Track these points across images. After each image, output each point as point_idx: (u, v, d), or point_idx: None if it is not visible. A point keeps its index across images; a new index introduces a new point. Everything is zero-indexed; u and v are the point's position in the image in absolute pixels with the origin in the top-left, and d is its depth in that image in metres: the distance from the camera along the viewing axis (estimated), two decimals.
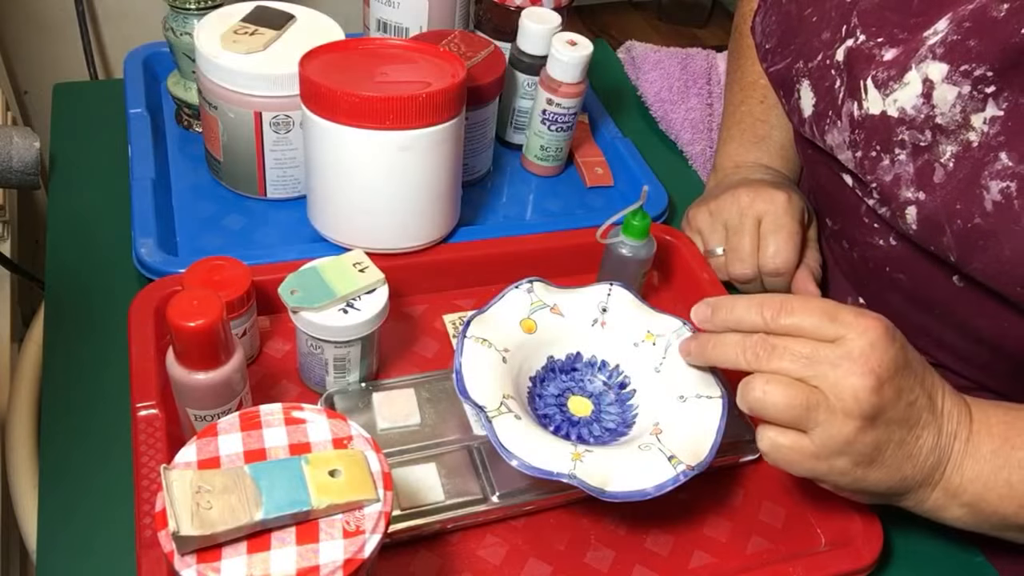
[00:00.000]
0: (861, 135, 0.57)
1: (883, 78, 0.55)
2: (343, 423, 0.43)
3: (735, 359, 0.51)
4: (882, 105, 0.55)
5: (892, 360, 0.48)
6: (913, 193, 0.55)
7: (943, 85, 0.52)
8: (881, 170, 0.56)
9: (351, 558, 0.39)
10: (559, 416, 0.58)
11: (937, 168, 0.53)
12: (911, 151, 0.55)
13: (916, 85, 0.53)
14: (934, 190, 0.54)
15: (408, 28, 0.77)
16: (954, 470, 0.51)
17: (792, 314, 0.49)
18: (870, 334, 0.48)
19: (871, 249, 0.63)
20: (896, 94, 0.54)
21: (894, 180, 0.56)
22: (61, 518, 0.53)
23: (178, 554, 0.37)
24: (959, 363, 0.65)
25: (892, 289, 0.64)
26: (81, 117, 0.82)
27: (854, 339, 0.48)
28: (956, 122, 0.52)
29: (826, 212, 0.71)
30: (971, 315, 0.59)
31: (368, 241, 0.66)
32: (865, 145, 0.57)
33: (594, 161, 0.84)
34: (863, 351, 0.48)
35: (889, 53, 0.55)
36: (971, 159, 0.52)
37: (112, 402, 0.59)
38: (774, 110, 0.78)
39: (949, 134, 0.53)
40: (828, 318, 0.49)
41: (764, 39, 0.68)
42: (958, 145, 0.52)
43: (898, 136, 0.55)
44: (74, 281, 0.67)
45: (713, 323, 0.53)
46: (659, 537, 0.56)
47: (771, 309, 0.50)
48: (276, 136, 0.69)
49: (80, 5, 1.14)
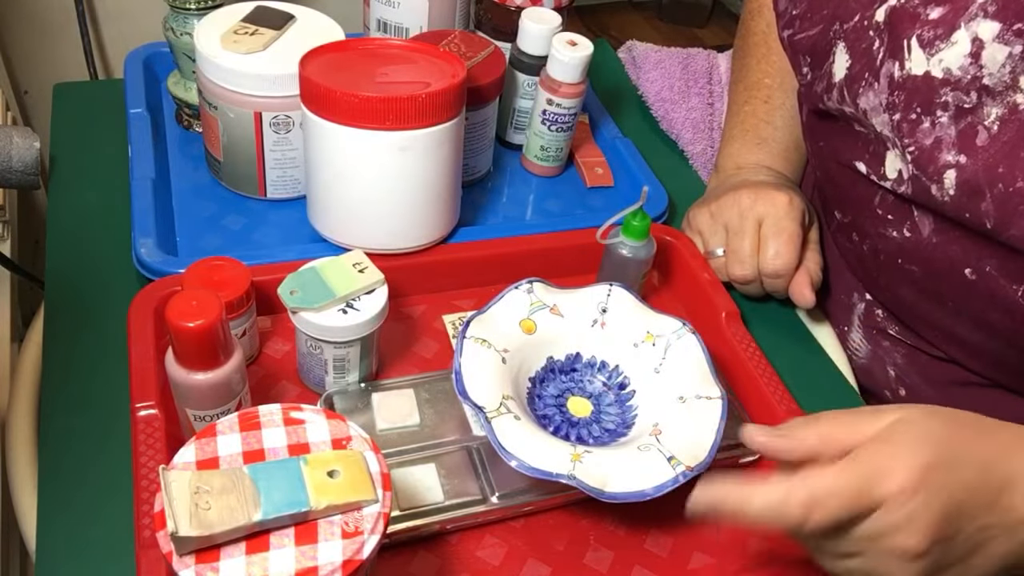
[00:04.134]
0: (901, 96, 0.56)
1: (929, 37, 0.54)
2: (342, 424, 0.43)
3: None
4: (926, 65, 0.54)
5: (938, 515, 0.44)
6: (954, 156, 0.54)
7: (993, 44, 0.51)
8: (920, 133, 0.55)
9: (350, 559, 0.39)
10: (558, 417, 0.58)
11: (980, 131, 0.52)
12: (953, 113, 0.53)
13: (964, 44, 0.52)
14: (976, 153, 0.53)
15: (408, 28, 0.77)
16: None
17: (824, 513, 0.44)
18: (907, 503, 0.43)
19: (883, 240, 0.63)
20: (942, 54, 0.53)
21: (934, 143, 0.55)
22: (60, 518, 0.53)
23: (177, 554, 0.37)
24: (970, 358, 0.65)
25: (904, 281, 0.64)
26: (81, 117, 0.82)
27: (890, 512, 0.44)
28: (1004, 83, 0.51)
29: (835, 205, 0.70)
30: (984, 308, 0.59)
31: (368, 241, 0.66)
32: (904, 107, 0.56)
33: (594, 161, 0.84)
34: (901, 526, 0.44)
35: (935, 12, 0.54)
36: (1017, 122, 0.51)
37: (111, 402, 0.59)
38: (778, 111, 0.78)
39: (995, 96, 0.52)
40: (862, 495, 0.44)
41: (791, 5, 0.66)
42: (1004, 107, 0.51)
43: (941, 98, 0.54)
44: (74, 281, 0.67)
45: (772, 455, 0.49)
46: (658, 538, 0.56)
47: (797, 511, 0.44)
48: (276, 136, 0.69)
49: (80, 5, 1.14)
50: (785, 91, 0.77)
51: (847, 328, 0.74)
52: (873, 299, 0.71)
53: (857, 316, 0.72)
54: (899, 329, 0.69)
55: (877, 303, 0.70)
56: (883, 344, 0.71)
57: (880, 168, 0.58)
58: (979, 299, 0.58)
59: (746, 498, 0.45)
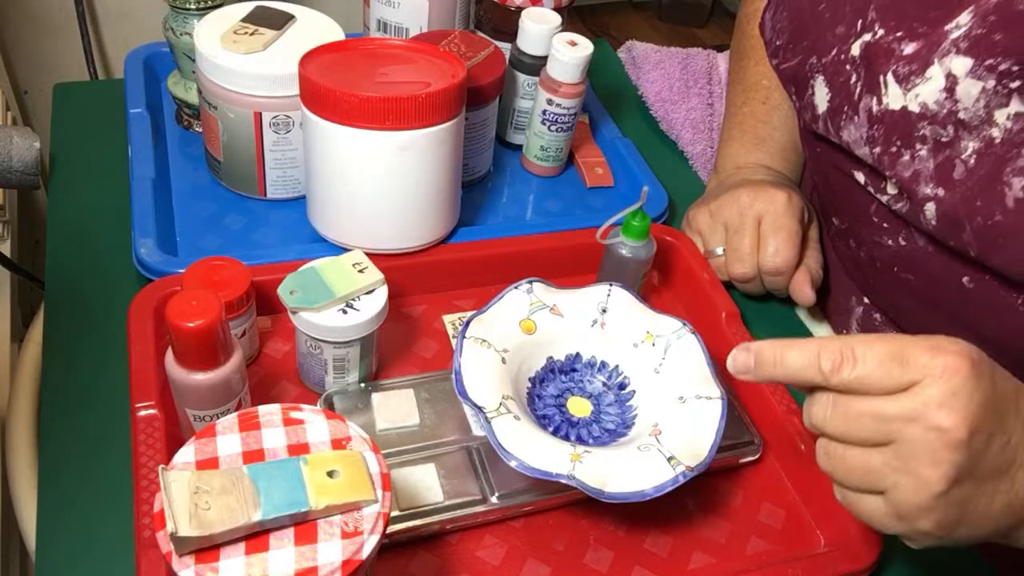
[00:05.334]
0: (880, 130, 0.56)
1: (904, 72, 0.54)
2: (342, 424, 0.43)
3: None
4: (903, 100, 0.54)
5: (980, 405, 0.41)
6: (932, 189, 0.54)
7: (967, 80, 0.51)
8: (900, 166, 0.56)
9: (349, 559, 0.39)
10: (558, 417, 0.58)
11: (958, 164, 0.53)
12: (932, 146, 0.54)
13: (939, 80, 0.52)
14: (954, 187, 0.53)
15: (408, 28, 0.77)
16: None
17: (856, 365, 0.42)
18: (951, 379, 0.41)
19: (879, 248, 0.63)
20: (918, 88, 0.54)
21: (913, 176, 0.55)
22: (60, 518, 0.53)
23: (176, 555, 0.37)
24: None
25: (900, 289, 0.64)
26: (81, 117, 0.82)
27: (931, 386, 0.41)
28: (979, 117, 0.51)
29: (833, 211, 0.71)
30: (980, 316, 0.59)
31: (367, 241, 0.66)
32: (884, 140, 0.56)
33: (594, 161, 0.84)
34: (942, 402, 0.40)
35: (909, 47, 0.54)
36: (993, 155, 0.51)
37: (111, 402, 0.59)
38: (776, 111, 0.78)
39: (972, 129, 0.52)
40: (897, 363, 0.42)
41: (774, 35, 0.67)
42: (980, 141, 0.52)
43: (919, 131, 0.54)
44: (74, 281, 0.67)
45: (757, 376, 0.46)
46: (658, 538, 0.56)
47: (830, 360, 0.43)
48: (276, 136, 0.69)
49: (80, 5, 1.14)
50: (783, 91, 0.77)
51: (845, 331, 0.74)
52: (871, 304, 0.71)
53: (855, 320, 0.72)
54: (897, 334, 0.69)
55: (875, 308, 0.70)
56: None
57: (881, 183, 0.59)
58: (976, 307, 0.58)
59: (782, 350, 0.44)
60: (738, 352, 0.46)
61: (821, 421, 0.44)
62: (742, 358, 0.46)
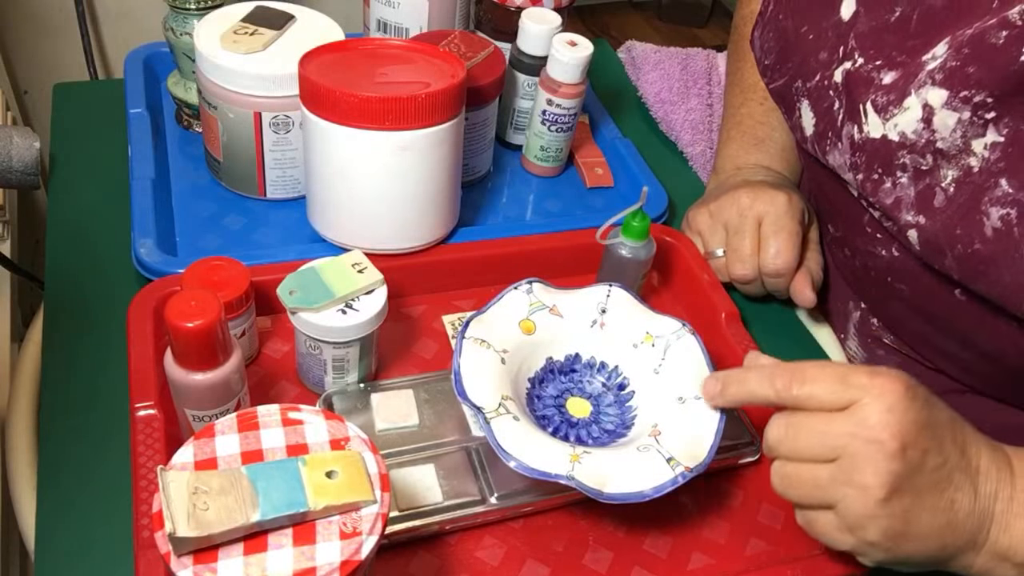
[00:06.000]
0: (862, 158, 0.57)
1: (883, 103, 0.54)
2: (341, 424, 0.43)
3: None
4: (883, 129, 0.55)
5: (913, 422, 0.45)
6: (913, 217, 0.54)
7: (943, 111, 0.51)
8: (883, 193, 0.56)
9: (348, 559, 0.38)
10: (558, 417, 0.58)
11: (938, 192, 0.53)
12: (912, 174, 0.54)
13: (916, 110, 0.52)
14: (934, 214, 0.53)
15: (408, 28, 0.77)
16: (1000, 532, 0.47)
17: (804, 383, 0.47)
18: (887, 397, 0.45)
19: (873, 258, 0.63)
20: (896, 119, 0.54)
21: (895, 203, 0.55)
22: (59, 518, 0.53)
23: (175, 555, 0.37)
24: (959, 371, 0.65)
25: (894, 298, 0.64)
26: (81, 117, 0.82)
27: (869, 403, 0.45)
28: (957, 147, 0.51)
29: (828, 219, 0.71)
30: (972, 328, 0.59)
31: (367, 241, 0.66)
32: (866, 168, 0.57)
33: (594, 162, 0.84)
34: (880, 417, 0.45)
35: (888, 76, 0.54)
36: (972, 184, 0.51)
37: (111, 402, 0.59)
38: (775, 112, 0.78)
39: (950, 159, 0.52)
40: (841, 383, 0.46)
41: (763, 55, 0.67)
42: (959, 170, 0.52)
43: (899, 159, 0.54)
44: (74, 281, 0.67)
45: (725, 399, 0.52)
46: (658, 539, 0.56)
47: (782, 380, 0.48)
48: (276, 136, 0.69)
49: (80, 5, 1.14)
50: None
51: (843, 336, 0.74)
52: (867, 309, 0.71)
53: (853, 324, 0.73)
54: (893, 339, 0.69)
55: (872, 313, 0.70)
56: (878, 353, 0.71)
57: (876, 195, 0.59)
58: (968, 319, 0.58)
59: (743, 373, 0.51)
60: (708, 380, 0.53)
61: (776, 441, 0.48)
62: (711, 384, 0.53)
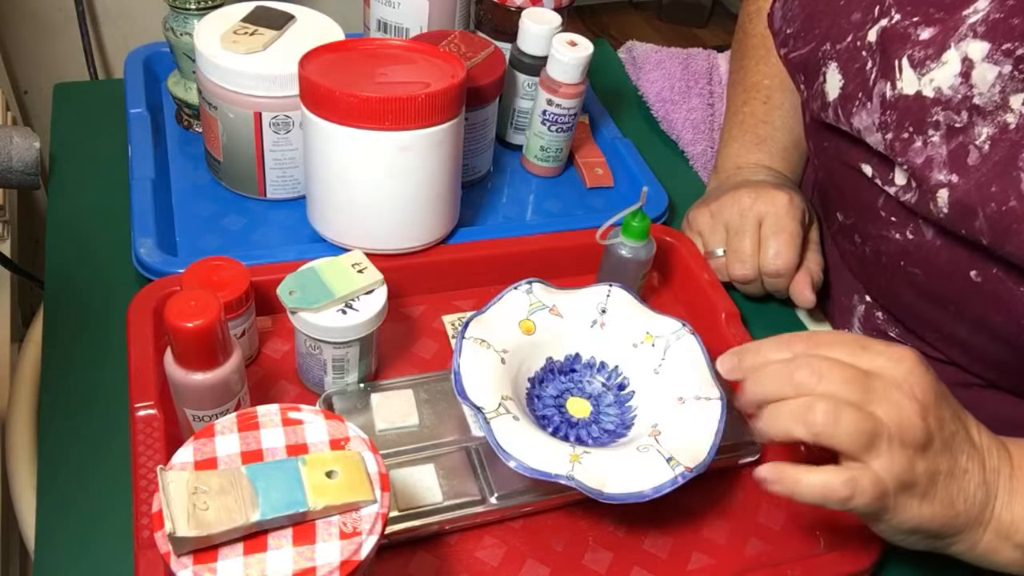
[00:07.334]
0: (893, 116, 0.56)
1: (920, 57, 0.54)
2: (340, 424, 0.43)
3: (778, 388, 0.48)
4: (917, 85, 0.54)
5: (931, 388, 0.47)
6: (946, 176, 0.54)
7: (983, 64, 0.51)
8: (912, 152, 0.55)
9: (348, 559, 0.38)
10: (557, 417, 0.58)
11: (972, 150, 0.53)
12: (945, 132, 0.54)
13: (955, 64, 0.52)
14: (968, 173, 0.53)
15: (408, 28, 0.77)
16: (1003, 508, 0.49)
17: (821, 346, 0.49)
18: (906, 362, 0.47)
19: (886, 243, 0.63)
20: (933, 73, 0.53)
21: (926, 162, 0.55)
22: (59, 518, 0.53)
23: (174, 555, 0.37)
24: (971, 361, 0.65)
25: (905, 284, 0.64)
26: (81, 117, 0.82)
27: (892, 367, 0.47)
28: (994, 103, 0.51)
29: (837, 206, 0.70)
30: (987, 311, 0.58)
31: (367, 241, 0.66)
32: (896, 126, 0.56)
33: (594, 162, 0.84)
34: (905, 378, 0.47)
35: (926, 32, 0.54)
36: (1008, 141, 0.51)
37: (111, 402, 0.59)
38: (777, 111, 0.78)
39: (986, 115, 0.52)
40: (860, 348, 0.48)
41: (785, 24, 0.67)
42: (995, 127, 0.52)
43: (932, 117, 0.54)
44: (73, 281, 0.67)
45: (743, 371, 0.52)
46: (657, 539, 0.56)
47: (801, 344, 0.49)
48: (276, 136, 0.69)
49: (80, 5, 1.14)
50: (784, 91, 0.77)
51: (847, 330, 0.74)
52: (873, 301, 0.71)
53: (857, 318, 0.72)
54: (899, 331, 0.69)
55: (877, 305, 0.70)
56: None
57: (889, 174, 0.59)
58: (983, 301, 0.58)
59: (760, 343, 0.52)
60: (724, 356, 0.53)
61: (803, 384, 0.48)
62: (727, 359, 0.52)
